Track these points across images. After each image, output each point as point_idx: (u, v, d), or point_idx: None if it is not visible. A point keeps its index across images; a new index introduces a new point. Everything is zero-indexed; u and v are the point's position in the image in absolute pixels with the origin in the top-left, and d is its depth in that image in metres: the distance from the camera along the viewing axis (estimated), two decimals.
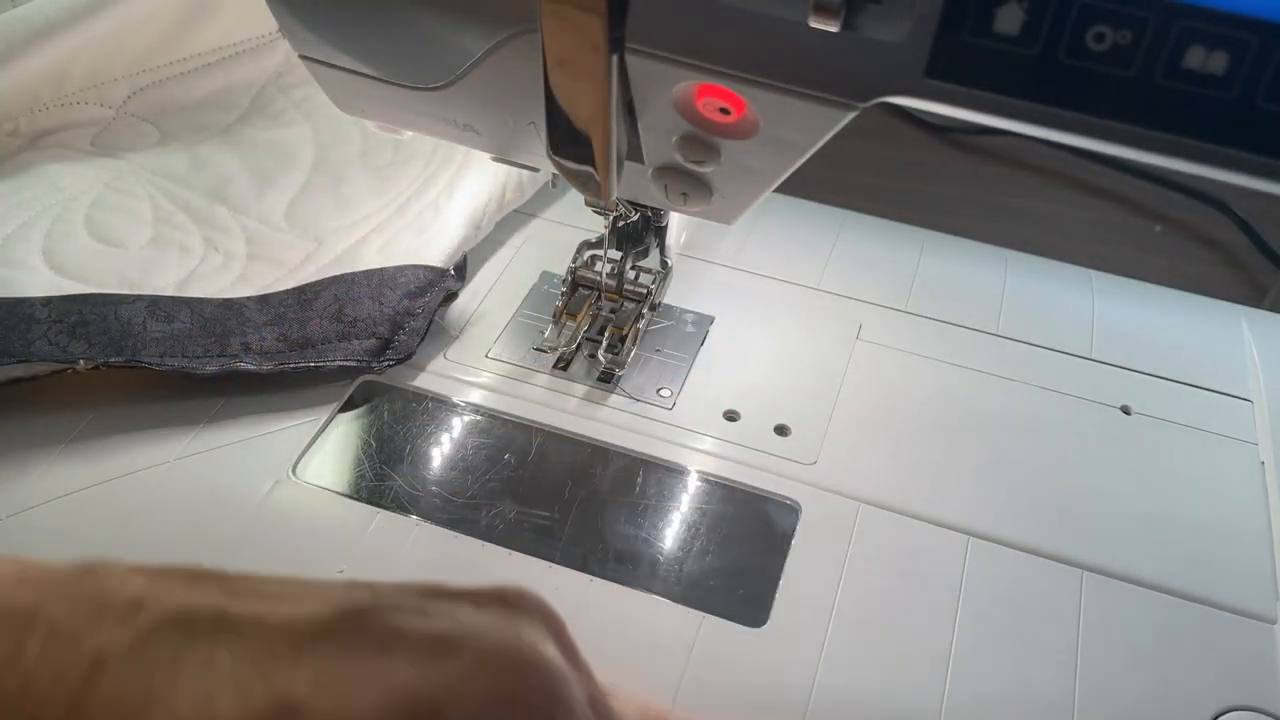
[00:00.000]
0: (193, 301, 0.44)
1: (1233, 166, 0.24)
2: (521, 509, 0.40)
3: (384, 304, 0.45)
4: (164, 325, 0.43)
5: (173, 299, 0.44)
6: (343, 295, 0.45)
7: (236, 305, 0.44)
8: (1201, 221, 0.66)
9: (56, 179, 0.49)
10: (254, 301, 0.45)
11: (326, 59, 0.35)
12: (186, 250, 0.47)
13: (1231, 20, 0.22)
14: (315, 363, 0.43)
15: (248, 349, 0.43)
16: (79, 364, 0.40)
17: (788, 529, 0.40)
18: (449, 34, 0.32)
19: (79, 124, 0.51)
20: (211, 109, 0.54)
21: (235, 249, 0.48)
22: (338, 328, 0.44)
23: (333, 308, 0.45)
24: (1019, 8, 0.24)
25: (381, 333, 0.44)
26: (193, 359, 0.42)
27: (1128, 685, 0.36)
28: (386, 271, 0.46)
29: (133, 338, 0.42)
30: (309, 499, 0.40)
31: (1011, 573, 0.39)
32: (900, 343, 0.48)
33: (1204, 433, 0.45)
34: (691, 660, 0.36)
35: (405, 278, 0.46)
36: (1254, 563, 0.40)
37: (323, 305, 0.45)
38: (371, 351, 0.44)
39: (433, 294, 0.46)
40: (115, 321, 0.42)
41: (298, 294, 0.45)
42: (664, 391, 0.45)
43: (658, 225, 0.46)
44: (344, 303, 0.45)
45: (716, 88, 0.29)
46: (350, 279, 0.46)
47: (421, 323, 0.45)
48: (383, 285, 0.46)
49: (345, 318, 0.44)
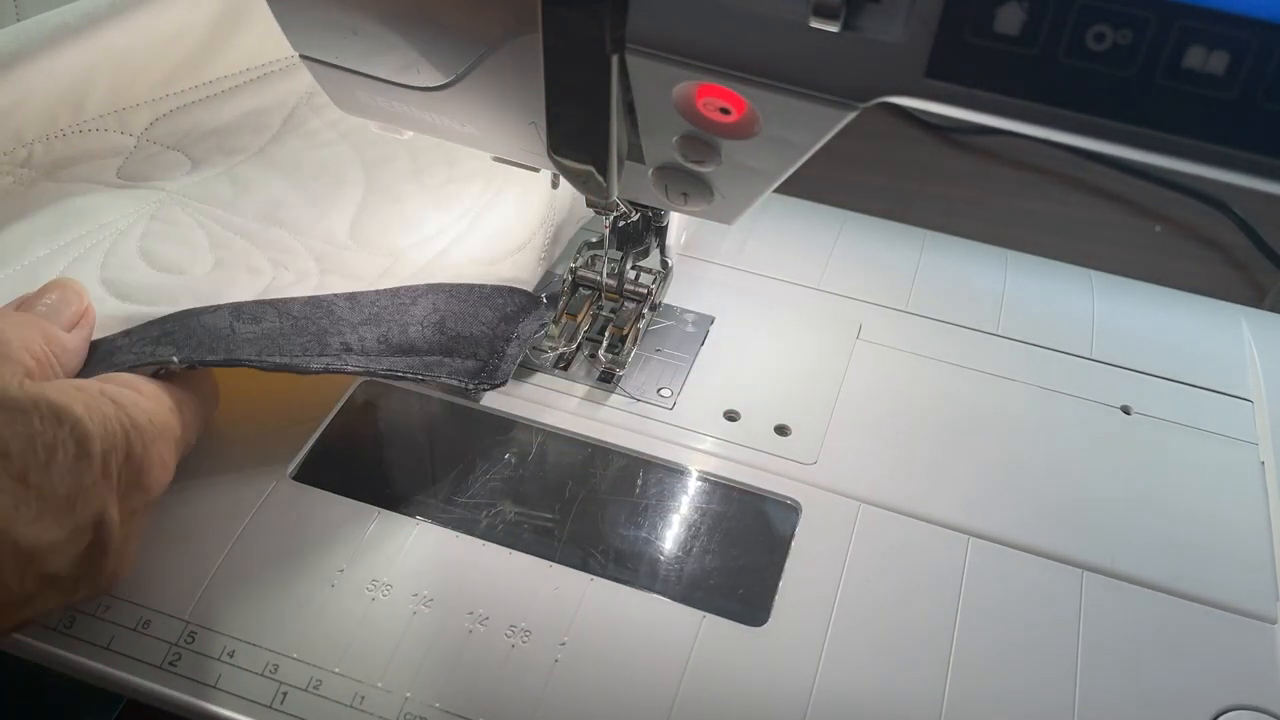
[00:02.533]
0: (277, 303, 0.42)
1: (1233, 166, 0.24)
2: (521, 509, 0.40)
3: (483, 323, 0.44)
4: (253, 326, 0.40)
5: (256, 303, 0.42)
6: (442, 306, 0.44)
7: (325, 303, 0.42)
8: (1201, 221, 0.66)
9: (94, 213, 0.46)
10: (343, 299, 0.43)
11: (327, 59, 0.35)
12: (256, 271, 0.44)
13: (1231, 20, 0.22)
14: (423, 375, 0.41)
15: (349, 349, 0.41)
16: (173, 362, 0.37)
17: (788, 529, 0.40)
18: (449, 34, 0.32)
19: (99, 154, 0.48)
20: (241, 132, 0.52)
21: (306, 267, 0.45)
22: (440, 340, 0.43)
23: (433, 317, 0.43)
24: (1019, 8, 0.24)
25: (481, 354, 0.44)
26: (293, 356, 0.39)
27: (1128, 685, 0.36)
28: (484, 290, 0.45)
29: (223, 339, 0.39)
30: (309, 499, 0.40)
31: (1011, 573, 0.39)
32: (900, 343, 0.48)
33: (1204, 433, 0.45)
34: (691, 660, 0.36)
35: (503, 299, 0.45)
36: (1254, 563, 0.40)
37: (421, 312, 0.43)
38: (470, 373, 0.43)
39: (527, 321, 0.45)
40: (200, 328, 0.39)
41: (391, 295, 0.44)
42: (664, 391, 0.45)
43: (658, 225, 0.46)
44: (444, 314, 0.43)
45: (716, 88, 0.29)
46: (448, 289, 0.45)
47: (518, 350, 0.44)
48: (481, 304, 0.45)
49: (448, 331, 0.43)
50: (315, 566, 0.38)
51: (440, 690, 0.35)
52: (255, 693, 0.35)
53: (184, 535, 0.38)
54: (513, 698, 0.35)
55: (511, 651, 0.36)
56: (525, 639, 0.36)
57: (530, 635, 0.36)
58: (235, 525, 0.39)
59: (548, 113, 0.31)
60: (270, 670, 0.35)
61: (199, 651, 0.35)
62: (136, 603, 0.36)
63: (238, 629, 0.36)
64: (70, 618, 0.36)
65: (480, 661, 0.36)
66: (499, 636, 0.36)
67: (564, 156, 0.33)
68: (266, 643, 0.36)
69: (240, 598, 0.37)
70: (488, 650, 0.36)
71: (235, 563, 0.38)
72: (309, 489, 0.40)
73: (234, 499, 0.40)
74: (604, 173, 0.33)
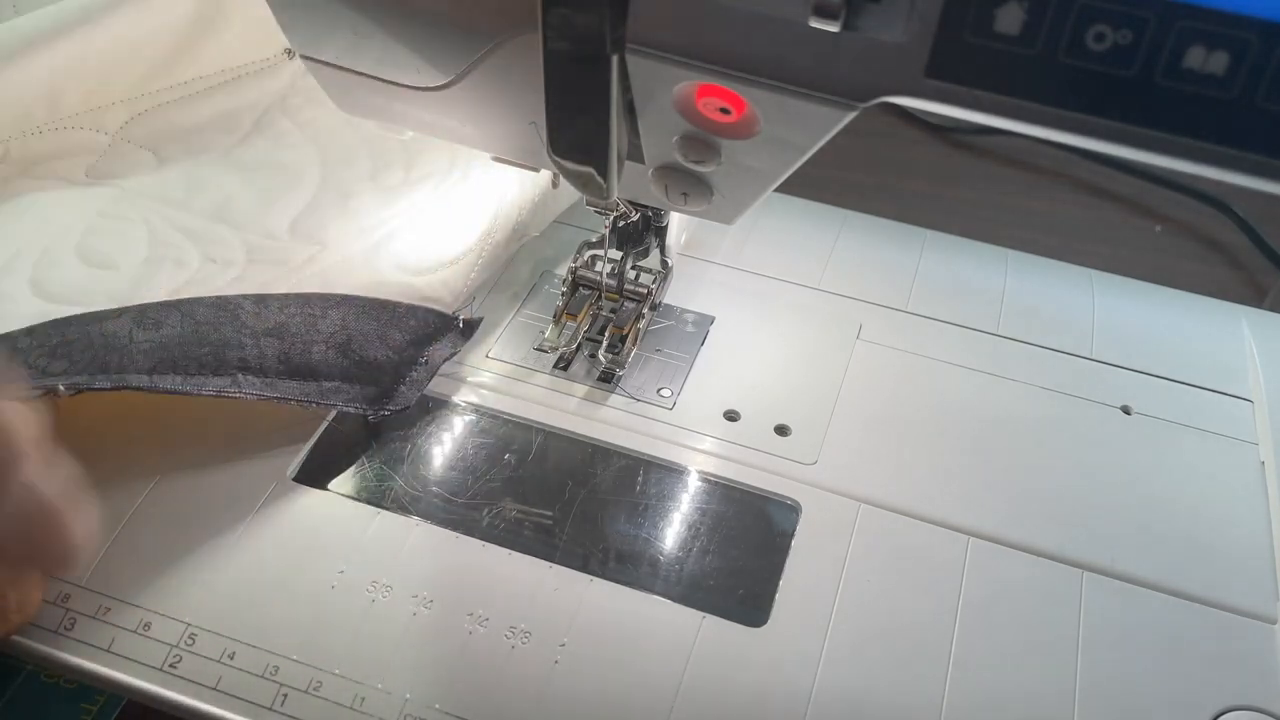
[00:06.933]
0: (183, 304, 0.42)
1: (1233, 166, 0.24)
2: (521, 509, 0.40)
3: (390, 347, 0.43)
4: (152, 333, 0.40)
5: (161, 304, 0.42)
6: (351, 324, 0.43)
7: (231, 305, 0.42)
8: (1201, 221, 0.66)
9: (46, 211, 0.47)
10: (251, 302, 0.43)
11: (327, 59, 0.35)
12: (181, 264, 0.45)
13: (1231, 20, 0.22)
14: (318, 401, 0.41)
15: (246, 366, 0.40)
16: (59, 388, 0.37)
17: (788, 529, 0.40)
18: (449, 34, 0.32)
19: (73, 152, 0.49)
20: (212, 132, 0.52)
21: (234, 257, 0.46)
22: (342, 364, 0.42)
23: (339, 336, 0.42)
24: (1019, 7, 0.24)
25: (385, 381, 0.43)
26: (188, 376, 0.39)
27: (1128, 685, 0.36)
28: (398, 309, 0.44)
29: (118, 352, 0.39)
30: (309, 500, 0.40)
31: (1011, 573, 0.39)
32: (900, 343, 0.48)
33: (1204, 433, 0.45)
34: (691, 660, 0.36)
35: (416, 321, 0.44)
36: (1254, 563, 0.40)
37: (329, 329, 0.42)
38: (371, 399, 0.42)
39: (438, 346, 0.45)
40: (100, 337, 0.39)
41: (301, 303, 0.43)
42: (664, 391, 0.45)
43: (658, 225, 0.46)
44: (351, 334, 0.43)
45: (716, 88, 0.29)
46: (360, 305, 0.44)
47: (424, 376, 0.44)
48: (392, 325, 0.44)
49: (351, 354, 0.42)
50: (315, 567, 0.38)
51: (440, 691, 0.35)
52: (255, 694, 0.35)
53: (184, 535, 0.38)
54: (513, 698, 0.35)
55: (511, 652, 0.36)
56: (525, 640, 0.36)
57: (530, 636, 0.36)
58: (235, 525, 0.39)
59: (548, 113, 0.31)
60: (270, 672, 0.35)
61: (199, 653, 0.35)
62: (137, 605, 0.36)
63: (238, 631, 0.36)
64: (71, 620, 0.36)
65: (480, 662, 0.35)
66: (499, 637, 0.36)
67: (564, 156, 0.33)
68: (266, 644, 0.36)
69: (240, 599, 0.37)
70: (488, 651, 0.36)
71: (235, 563, 0.38)
72: (309, 489, 0.40)
73: (234, 499, 0.39)
74: (604, 173, 0.33)
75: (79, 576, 0.37)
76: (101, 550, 0.38)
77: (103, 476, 0.40)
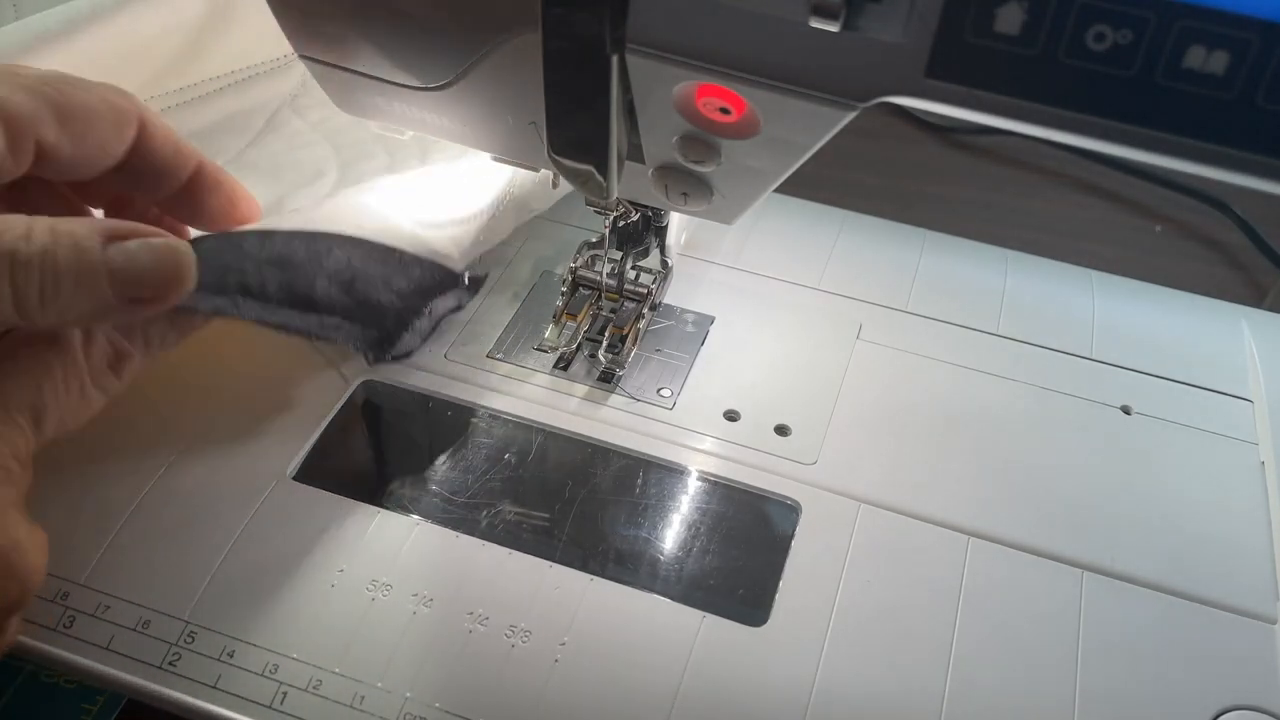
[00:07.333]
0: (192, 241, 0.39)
1: (1233, 166, 0.24)
2: (521, 509, 0.40)
3: (394, 292, 0.43)
4: None
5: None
6: (357, 264, 0.41)
7: (234, 238, 0.40)
8: (1201, 221, 0.66)
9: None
10: (254, 235, 0.40)
11: (327, 59, 0.35)
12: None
13: (1231, 20, 0.22)
14: (317, 334, 0.40)
15: (247, 291, 0.38)
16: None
17: (788, 529, 0.40)
18: (449, 34, 0.32)
19: None
20: (223, 134, 0.51)
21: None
22: (345, 302, 0.41)
23: (344, 274, 0.41)
24: (1019, 7, 0.24)
25: (387, 326, 0.43)
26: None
27: (1128, 685, 0.36)
28: (405, 257, 0.43)
29: None
30: (309, 499, 0.40)
31: (1011, 573, 0.39)
32: (900, 343, 0.48)
33: (1204, 433, 0.45)
34: (691, 660, 0.36)
35: (421, 271, 0.44)
36: (1254, 562, 0.40)
37: (334, 266, 0.41)
38: (372, 343, 0.42)
39: (444, 298, 0.45)
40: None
41: (307, 239, 0.41)
42: (664, 391, 0.45)
43: (658, 225, 0.46)
44: (356, 274, 0.41)
45: (716, 88, 0.29)
46: (366, 248, 0.42)
47: (427, 326, 0.44)
48: (398, 272, 0.43)
49: (355, 293, 0.41)
50: (315, 566, 0.38)
51: (440, 690, 0.35)
52: (255, 693, 0.35)
53: (184, 535, 0.38)
54: (513, 698, 0.35)
55: (511, 651, 0.36)
56: (525, 639, 0.36)
57: (530, 635, 0.36)
58: (235, 525, 0.39)
59: (548, 113, 0.31)
60: (270, 670, 0.35)
61: (199, 651, 0.35)
62: (136, 603, 0.36)
63: (237, 629, 0.36)
64: (70, 618, 0.36)
65: (480, 661, 0.36)
66: (499, 636, 0.36)
67: (564, 156, 0.33)
68: (266, 643, 0.36)
69: (240, 598, 0.37)
70: (488, 650, 0.36)
71: (235, 563, 0.38)
72: (309, 489, 0.40)
73: (234, 498, 0.39)
74: (604, 173, 0.33)
75: (78, 575, 0.37)
76: (101, 548, 0.38)
77: (102, 474, 0.40)
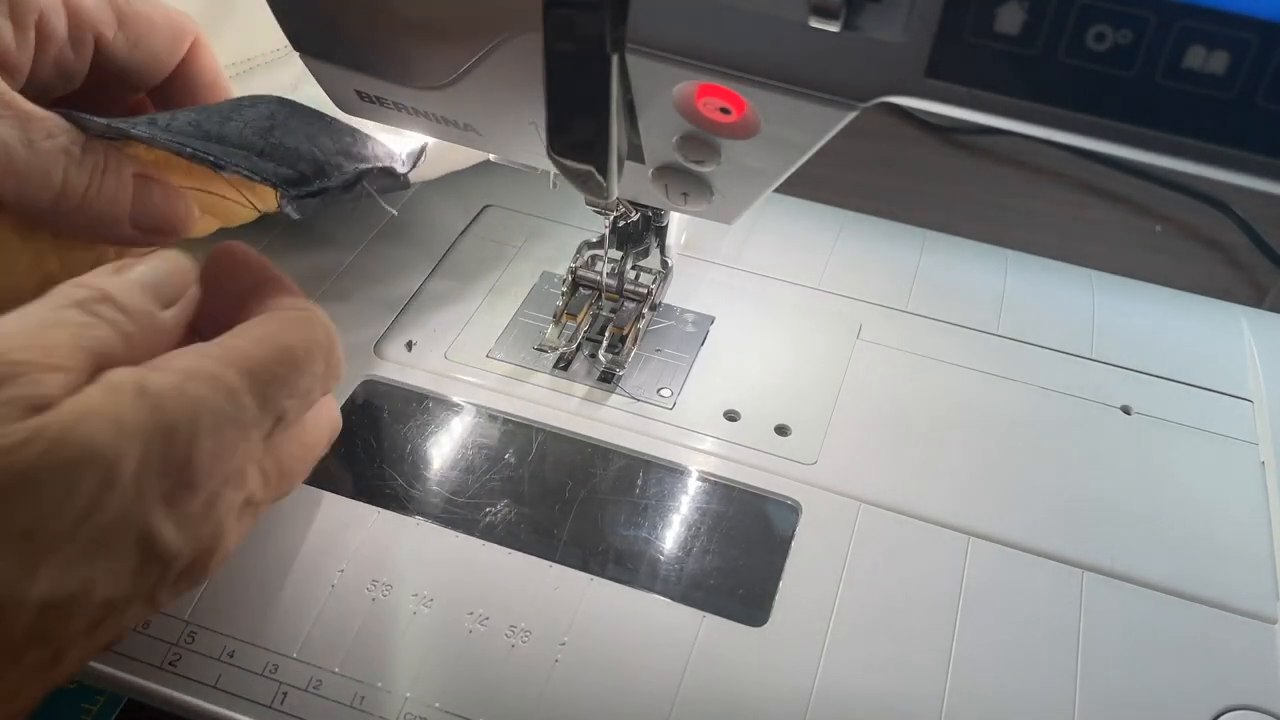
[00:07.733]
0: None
1: (1233, 166, 0.24)
2: (521, 509, 0.40)
3: (316, 146, 0.39)
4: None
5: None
6: (280, 118, 0.39)
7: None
8: (1201, 221, 0.66)
9: None
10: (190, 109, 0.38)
11: (326, 58, 0.35)
12: None
13: (1231, 20, 0.22)
14: (218, 159, 0.36)
15: (154, 121, 0.36)
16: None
17: (788, 529, 0.40)
18: (449, 34, 0.32)
19: None
20: None
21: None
22: (258, 144, 0.38)
23: (263, 123, 0.38)
24: (1019, 7, 0.24)
25: (302, 168, 0.38)
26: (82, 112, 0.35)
27: (1128, 685, 0.36)
28: (335, 123, 0.40)
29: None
30: (309, 498, 0.40)
31: (1011, 573, 0.39)
32: (900, 343, 0.48)
33: (1204, 433, 0.45)
34: (691, 660, 0.36)
35: (353, 140, 0.41)
36: (1254, 563, 0.40)
37: (253, 116, 0.38)
38: (285, 180, 0.38)
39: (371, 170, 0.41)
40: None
41: (234, 101, 0.39)
42: (664, 391, 0.45)
43: (658, 225, 0.46)
44: (276, 123, 0.38)
45: (716, 88, 0.29)
46: (295, 107, 0.39)
47: (354, 177, 0.40)
48: (324, 133, 0.40)
49: (271, 138, 0.38)
50: (315, 566, 0.38)
51: (440, 690, 0.35)
52: (255, 693, 0.35)
53: None
54: (513, 698, 0.35)
55: (511, 651, 0.36)
56: (525, 639, 0.36)
57: (530, 635, 0.36)
58: None
59: (548, 113, 0.31)
60: (270, 670, 0.35)
61: (199, 651, 0.35)
62: None
63: (238, 629, 0.36)
64: None
65: (480, 661, 0.36)
66: (499, 636, 0.36)
67: (564, 156, 0.33)
68: (266, 643, 0.36)
69: (240, 598, 0.37)
70: (488, 650, 0.36)
71: (235, 563, 0.38)
72: (309, 488, 0.40)
73: None
74: (604, 173, 0.33)
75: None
76: None
77: None
